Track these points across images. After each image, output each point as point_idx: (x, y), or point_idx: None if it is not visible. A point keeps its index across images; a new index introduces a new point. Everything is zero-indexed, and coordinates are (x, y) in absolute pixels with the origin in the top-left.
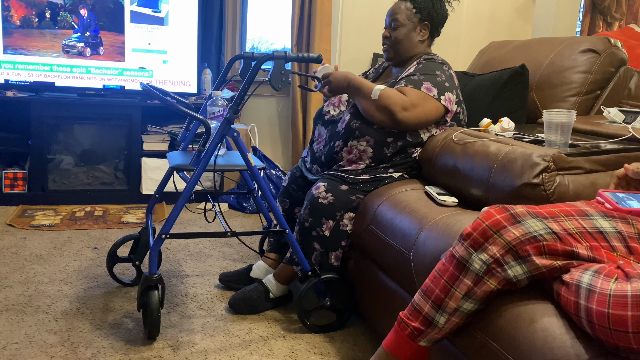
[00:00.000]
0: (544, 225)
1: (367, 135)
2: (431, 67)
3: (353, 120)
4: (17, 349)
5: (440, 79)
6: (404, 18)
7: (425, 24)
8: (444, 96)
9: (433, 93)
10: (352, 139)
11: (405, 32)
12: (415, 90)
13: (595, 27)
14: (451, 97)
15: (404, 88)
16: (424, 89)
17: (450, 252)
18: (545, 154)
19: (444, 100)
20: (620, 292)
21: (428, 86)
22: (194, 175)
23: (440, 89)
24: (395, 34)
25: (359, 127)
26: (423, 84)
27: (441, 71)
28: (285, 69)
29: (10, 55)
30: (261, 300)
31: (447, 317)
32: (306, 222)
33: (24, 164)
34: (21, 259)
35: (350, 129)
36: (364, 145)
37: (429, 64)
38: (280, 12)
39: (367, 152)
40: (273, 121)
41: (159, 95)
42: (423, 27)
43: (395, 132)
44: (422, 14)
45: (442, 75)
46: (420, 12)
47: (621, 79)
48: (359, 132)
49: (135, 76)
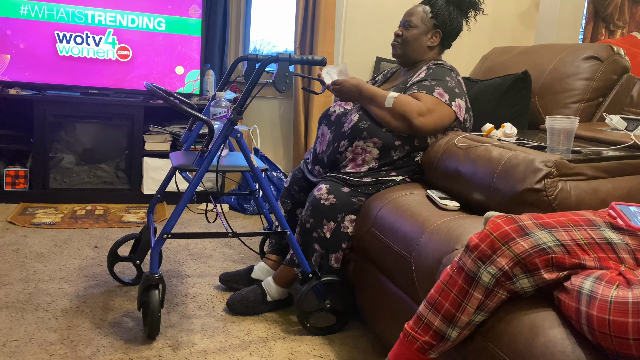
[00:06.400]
0: (552, 238)
1: (375, 137)
2: (441, 73)
3: (362, 121)
4: (16, 347)
5: (451, 84)
6: (418, 20)
7: (437, 31)
8: (454, 102)
9: (445, 99)
10: (358, 140)
11: (416, 34)
12: (429, 96)
13: (597, 34)
14: (461, 103)
15: (417, 94)
16: (436, 94)
17: (458, 264)
18: (547, 159)
19: (454, 106)
20: (621, 298)
21: (440, 91)
22: (197, 176)
23: (451, 95)
24: (406, 34)
25: (368, 128)
26: (435, 89)
27: (450, 77)
28: (289, 71)
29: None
30: (258, 303)
31: (459, 331)
32: (307, 223)
33: (25, 162)
34: (22, 256)
35: (358, 129)
36: (371, 146)
37: (438, 70)
38: (283, 15)
39: (372, 153)
40: (275, 123)
41: (163, 95)
42: (435, 33)
43: (404, 135)
44: (437, 19)
45: (452, 82)
46: (436, 18)
47: (623, 87)
48: (367, 133)
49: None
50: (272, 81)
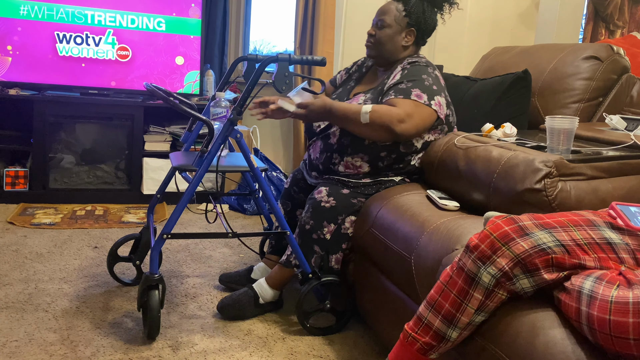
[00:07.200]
0: (552, 238)
1: (360, 153)
2: (417, 72)
3: (344, 136)
4: (16, 347)
5: (428, 82)
6: (391, 19)
7: (411, 29)
8: (434, 101)
9: (423, 99)
10: (347, 155)
11: (390, 34)
12: (406, 100)
13: (597, 34)
14: (440, 100)
15: (394, 100)
16: (414, 97)
17: (457, 264)
18: (547, 159)
19: (434, 105)
20: (622, 298)
21: (418, 93)
22: (197, 176)
23: (430, 94)
24: (380, 34)
25: (351, 145)
26: (412, 91)
27: (427, 74)
28: (289, 71)
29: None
30: (250, 306)
31: (459, 331)
32: (307, 224)
33: (25, 162)
34: (21, 257)
35: (343, 145)
36: (359, 161)
37: (413, 69)
38: (282, 15)
39: (363, 167)
40: (275, 123)
41: (163, 96)
42: (409, 32)
43: (388, 145)
44: (410, 18)
45: (428, 79)
46: (410, 16)
47: (623, 87)
48: (352, 149)
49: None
50: (271, 81)
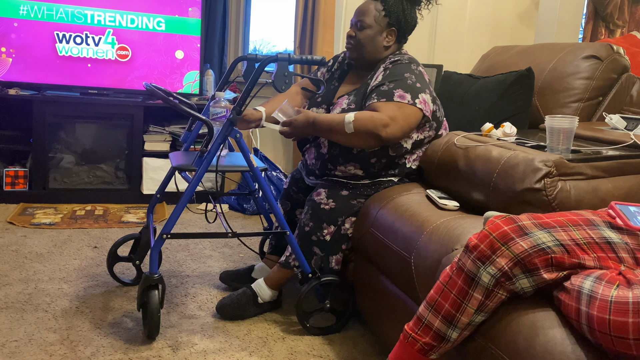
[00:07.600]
0: (552, 237)
1: (351, 162)
2: (399, 71)
3: (332, 147)
4: (16, 347)
5: (411, 81)
6: (371, 20)
7: (392, 29)
8: (418, 99)
9: (407, 99)
10: (339, 164)
11: (370, 35)
12: (388, 104)
13: (597, 34)
14: (425, 97)
15: (376, 104)
16: (397, 98)
17: (457, 264)
18: (547, 159)
19: (419, 103)
20: (622, 298)
21: (400, 93)
22: (196, 176)
23: (413, 93)
24: (360, 35)
25: (341, 155)
26: (394, 93)
27: (410, 72)
28: (288, 71)
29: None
30: (249, 305)
31: (459, 331)
32: (306, 226)
33: (25, 162)
34: (21, 257)
35: (334, 156)
36: (352, 169)
37: (395, 68)
38: (282, 15)
39: (357, 174)
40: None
41: (162, 95)
42: (390, 32)
43: (376, 151)
44: (390, 17)
45: (411, 77)
46: (389, 16)
47: (623, 86)
48: (343, 159)
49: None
50: (271, 81)
